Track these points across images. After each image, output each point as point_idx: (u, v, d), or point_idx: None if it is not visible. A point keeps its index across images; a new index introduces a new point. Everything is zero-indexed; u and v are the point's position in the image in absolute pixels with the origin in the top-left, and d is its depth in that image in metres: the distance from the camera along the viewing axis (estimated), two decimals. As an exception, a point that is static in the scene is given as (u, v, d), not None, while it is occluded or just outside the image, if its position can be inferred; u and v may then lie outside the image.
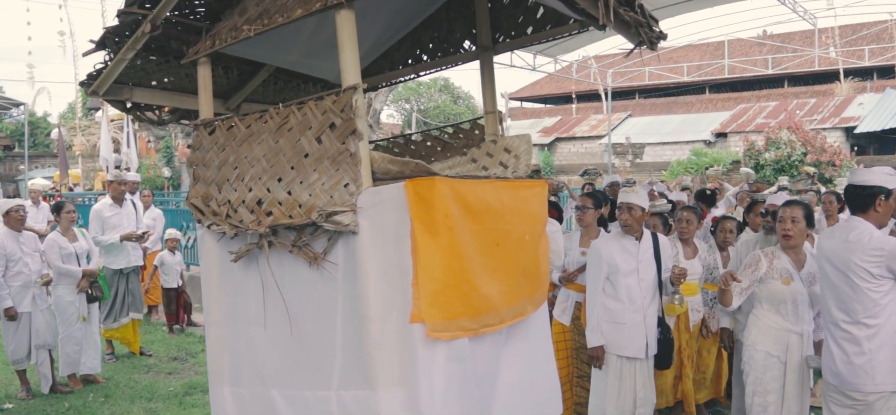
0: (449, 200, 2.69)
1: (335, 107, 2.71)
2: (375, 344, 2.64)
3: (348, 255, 2.71)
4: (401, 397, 2.63)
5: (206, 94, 3.45)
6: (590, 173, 10.64)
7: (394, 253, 2.63)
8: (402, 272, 2.62)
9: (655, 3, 10.08)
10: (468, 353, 2.78)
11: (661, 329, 5.02)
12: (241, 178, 3.06)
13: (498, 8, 3.90)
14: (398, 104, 40.67)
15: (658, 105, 40.60)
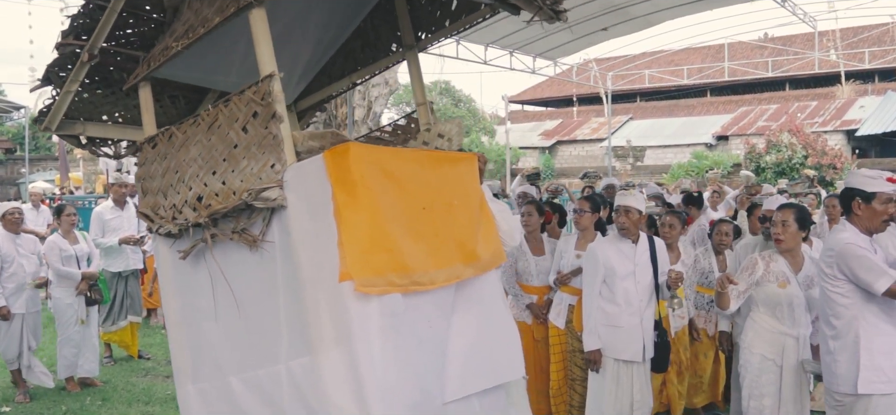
0: (365, 163, 2.81)
1: (256, 96, 2.88)
2: (311, 309, 2.72)
3: (282, 231, 2.83)
4: (340, 358, 2.68)
5: (148, 116, 3.56)
6: (590, 176, 10.65)
7: (321, 220, 2.72)
8: (330, 237, 2.69)
9: (656, 5, 10.09)
10: (403, 309, 2.82)
11: (658, 332, 5.01)
12: (182, 179, 3.20)
13: (416, 8, 4.05)
14: (399, 108, 40.64)
15: (659, 108, 40.58)
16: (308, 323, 2.73)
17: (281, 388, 2.84)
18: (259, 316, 2.96)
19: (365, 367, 2.67)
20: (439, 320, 3.04)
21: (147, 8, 3.49)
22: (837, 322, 3.78)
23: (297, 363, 2.78)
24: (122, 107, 3.95)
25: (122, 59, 3.61)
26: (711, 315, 5.85)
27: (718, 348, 5.73)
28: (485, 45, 11.52)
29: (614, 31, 11.79)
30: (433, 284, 2.96)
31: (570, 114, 43.44)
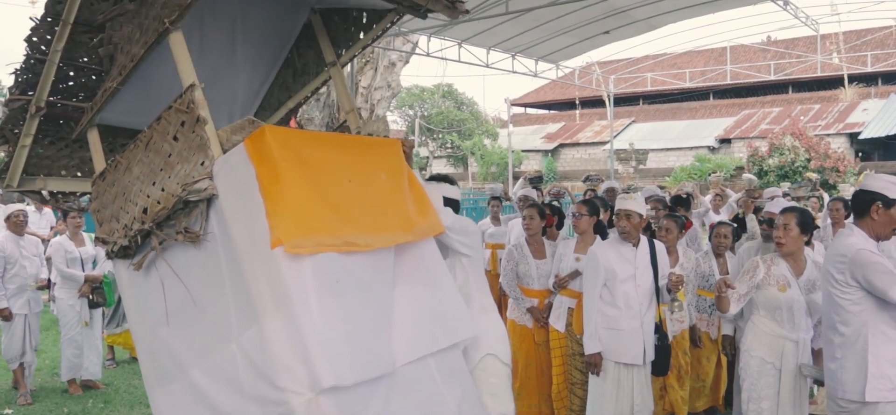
0: (282, 142, 2.99)
1: (181, 106, 3.11)
2: (251, 281, 2.84)
3: (219, 220, 3.01)
4: (282, 321, 2.77)
5: (98, 156, 3.76)
6: (592, 179, 10.64)
7: (249, 198, 2.89)
8: (259, 212, 2.87)
9: (658, 8, 10.09)
10: (339, 268, 2.94)
11: (659, 335, 5.01)
12: (129, 199, 3.39)
13: (332, 27, 4.32)
14: (402, 111, 40.66)
15: (662, 111, 40.57)
16: (251, 295, 2.84)
17: (236, 365, 2.92)
18: (210, 305, 3.07)
19: (306, 327, 2.76)
20: (381, 283, 3.15)
21: (84, 60, 3.69)
22: (846, 329, 3.74)
23: (246, 337, 2.88)
24: (79, 159, 4.13)
25: (71, 111, 3.82)
26: (713, 318, 5.85)
27: (721, 352, 5.73)
28: (487, 49, 11.54)
29: (616, 33, 11.80)
30: (369, 246, 3.08)
31: (572, 117, 43.44)
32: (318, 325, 2.79)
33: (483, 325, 4.01)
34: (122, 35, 3.50)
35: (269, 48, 4.32)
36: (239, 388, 2.91)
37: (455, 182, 4.56)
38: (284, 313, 2.77)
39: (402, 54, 18.54)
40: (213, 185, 2.96)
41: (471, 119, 39.09)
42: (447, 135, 38.13)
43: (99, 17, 3.53)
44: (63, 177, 4.09)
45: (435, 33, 10.39)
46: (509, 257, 6.05)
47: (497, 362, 4.07)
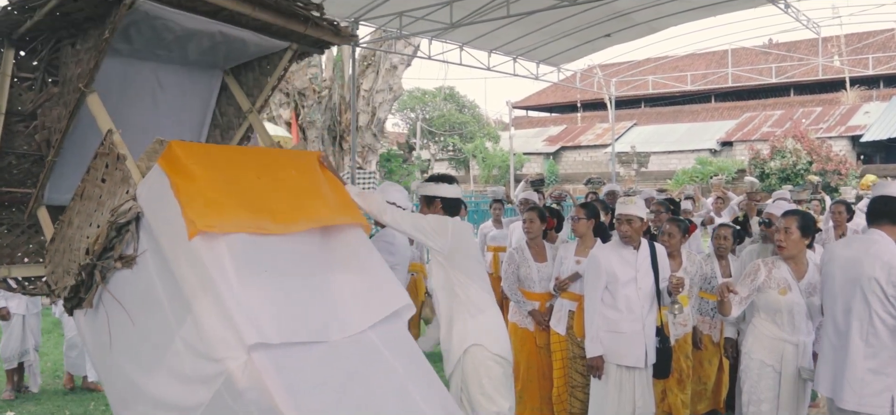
0: (191, 152, 3.28)
1: (103, 151, 3.41)
2: (178, 274, 3.05)
3: (148, 236, 3.23)
4: (209, 300, 2.96)
5: (48, 230, 3.94)
6: (593, 182, 10.65)
7: (168, 205, 3.11)
8: (176, 212, 3.09)
9: (659, 11, 10.10)
10: (254, 248, 3.15)
11: (660, 338, 5.01)
12: (73, 247, 3.58)
13: (243, 79, 4.56)
14: (404, 114, 40.66)
15: (663, 114, 40.55)
16: (181, 289, 3.04)
17: (181, 357, 3.07)
18: (151, 319, 3.23)
19: (229, 298, 2.95)
20: (305, 265, 3.36)
21: (24, 148, 3.88)
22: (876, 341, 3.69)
23: (185, 328, 3.05)
24: (38, 244, 4.24)
25: (20, 197, 4.03)
26: (715, 321, 5.85)
27: (723, 355, 5.72)
28: (489, 52, 11.54)
29: (618, 36, 11.81)
30: (286, 230, 3.31)
31: (574, 120, 43.43)
32: (240, 295, 2.98)
33: (475, 323, 4.09)
34: (52, 117, 3.74)
35: (189, 114, 4.57)
36: (188, 378, 3.05)
37: (454, 180, 4.57)
38: (210, 291, 2.96)
39: (403, 57, 18.56)
40: (136, 204, 3.22)
41: (472, 122, 39.09)
42: (449, 137, 38.14)
43: (29, 106, 3.74)
44: (26, 264, 4.21)
45: (436, 36, 10.39)
46: (510, 260, 6.06)
47: (488, 359, 4.10)
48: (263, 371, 2.88)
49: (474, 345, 4.09)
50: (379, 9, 8.74)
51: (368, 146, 18.46)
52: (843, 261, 3.87)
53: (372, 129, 18.51)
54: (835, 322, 3.89)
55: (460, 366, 4.13)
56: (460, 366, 4.13)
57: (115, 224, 3.22)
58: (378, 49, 16.26)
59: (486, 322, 4.16)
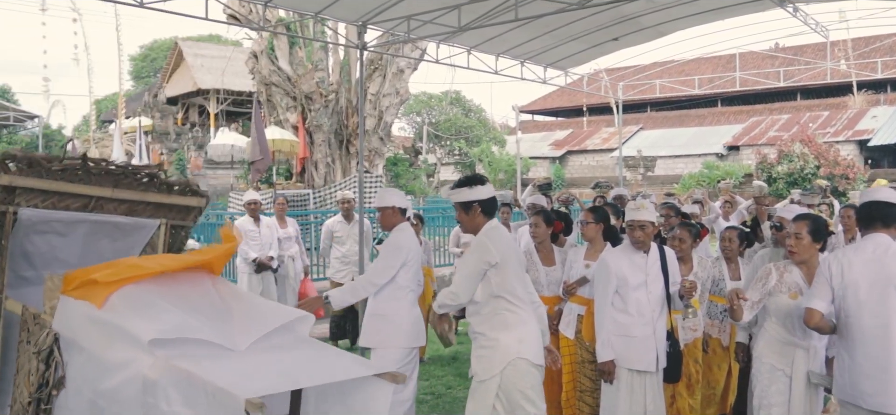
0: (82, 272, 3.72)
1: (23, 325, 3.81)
2: (97, 349, 3.48)
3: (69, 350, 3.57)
4: (113, 337, 3.38)
5: None
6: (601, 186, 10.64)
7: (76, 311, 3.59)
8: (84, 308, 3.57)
9: (667, 15, 10.07)
10: (138, 290, 3.56)
11: (670, 342, 5.00)
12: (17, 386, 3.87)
13: None
14: (409, 118, 40.70)
15: (670, 118, 40.51)
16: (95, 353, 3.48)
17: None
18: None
19: (131, 326, 3.31)
20: (194, 294, 3.72)
21: None
22: None
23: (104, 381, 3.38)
24: None
25: None
26: (724, 325, 5.82)
27: (733, 360, 5.69)
28: (496, 55, 11.52)
29: (625, 40, 11.75)
30: (166, 271, 3.78)
31: (580, 124, 43.43)
32: (137, 318, 3.35)
33: (518, 335, 4.28)
34: None
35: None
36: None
37: (486, 180, 4.60)
38: (120, 332, 3.33)
39: (410, 61, 18.57)
40: (51, 330, 3.59)
41: (478, 126, 39.09)
42: (455, 141, 38.14)
43: None
44: None
45: (444, 40, 10.39)
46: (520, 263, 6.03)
47: (530, 368, 4.28)
48: (171, 358, 3.12)
49: (519, 358, 4.27)
50: (387, 13, 8.72)
51: (375, 150, 18.47)
52: (862, 266, 3.84)
53: (379, 133, 18.52)
54: (862, 330, 3.83)
55: (503, 375, 4.26)
56: (503, 375, 4.26)
57: (41, 355, 3.56)
58: (385, 53, 16.28)
59: (528, 334, 4.36)
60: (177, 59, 40.26)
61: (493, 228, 4.43)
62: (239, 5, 15.53)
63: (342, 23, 11.23)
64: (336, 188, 17.14)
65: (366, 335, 5.36)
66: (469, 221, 4.47)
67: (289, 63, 18.32)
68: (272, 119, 18.17)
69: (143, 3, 7.39)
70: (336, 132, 18.29)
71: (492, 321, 4.36)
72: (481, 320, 4.42)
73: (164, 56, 47.95)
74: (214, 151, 25.88)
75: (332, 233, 9.01)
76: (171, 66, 40.80)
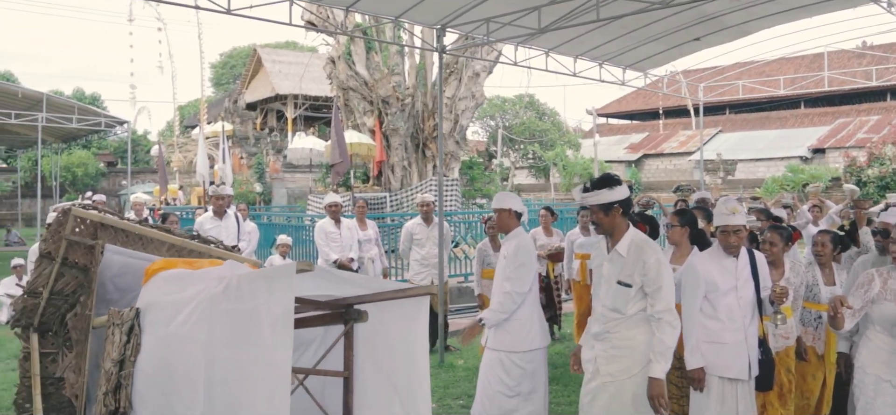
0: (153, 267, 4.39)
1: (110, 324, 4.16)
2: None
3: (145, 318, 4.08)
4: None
5: None
6: (682, 189, 10.41)
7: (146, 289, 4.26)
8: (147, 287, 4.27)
9: (751, 14, 9.80)
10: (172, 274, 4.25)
11: (762, 349, 4.84)
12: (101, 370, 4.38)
13: None
14: (483, 121, 40.70)
15: (750, 120, 39.43)
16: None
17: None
18: None
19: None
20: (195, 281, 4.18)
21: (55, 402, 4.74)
22: None
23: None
24: None
25: None
26: (819, 333, 5.61)
27: (828, 369, 5.48)
28: (574, 57, 11.41)
29: (707, 40, 11.48)
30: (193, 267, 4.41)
31: (655, 127, 42.70)
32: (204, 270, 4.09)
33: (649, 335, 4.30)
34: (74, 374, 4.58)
35: None
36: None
37: (619, 181, 4.49)
38: (192, 277, 4.01)
39: (486, 64, 18.57)
40: (133, 308, 4.02)
41: (553, 129, 38.80)
42: (529, 145, 37.96)
43: (57, 372, 4.66)
44: None
45: (522, 42, 10.34)
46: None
47: None
48: None
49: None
50: (466, 15, 8.74)
51: (451, 154, 18.52)
52: None
53: (455, 136, 18.57)
54: None
55: (641, 375, 4.28)
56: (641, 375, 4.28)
57: (123, 327, 3.95)
58: (462, 55, 16.32)
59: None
60: (256, 65, 41.29)
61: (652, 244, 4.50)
62: (317, 10, 15.81)
63: (419, 26, 11.31)
64: (412, 191, 17.26)
65: (495, 339, 5.47)
66: (609, 223, 4.40)
67: (365, 67, 18.55)
68: (349, 123, 18.42)
69: (230, 11, 7.58)
70: (412, 136, 18.42)
71: (634, 324, 4.35)
72: (619, 322, 4.37)
73: (243, 63, 49.26)
74: (293, 154, 26.45)
75: (411, 235, 9.07)
76: (250, 72, 41.87)
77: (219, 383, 3.41)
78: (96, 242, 4.48)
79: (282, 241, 10.26)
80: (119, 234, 4.62)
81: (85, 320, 4.45)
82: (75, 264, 4.52)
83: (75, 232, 4.49)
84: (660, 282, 4.25)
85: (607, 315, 4.41)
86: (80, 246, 4.50)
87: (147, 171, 39.95)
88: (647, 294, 4.28)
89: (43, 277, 4.51)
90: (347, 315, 3.96)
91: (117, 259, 4.57)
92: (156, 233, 4.76)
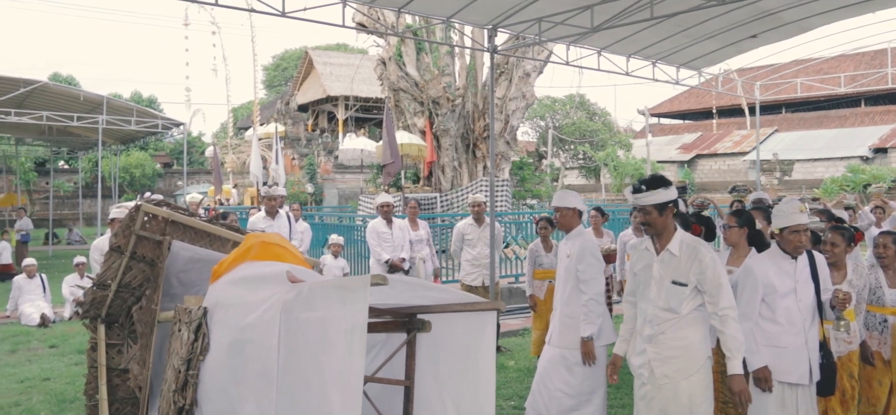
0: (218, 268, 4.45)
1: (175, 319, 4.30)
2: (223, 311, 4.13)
3: (213, 319, 4.13)
4: None
5: None
6: (739, 190, 10.19)
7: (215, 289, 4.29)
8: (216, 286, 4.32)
9: (811, 9, 9.55)
10: (245, 268, 4.30)
11: (823, 353, 4.71)
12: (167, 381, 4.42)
13: None
14: (533, 122, 40.53)
15: (807, 120, 38.53)
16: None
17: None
18: None
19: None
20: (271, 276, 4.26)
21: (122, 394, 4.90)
22: None
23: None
24: None
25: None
26: (885, 337, 5.44)
27: (894, 375, 5.31)
28: (627, 56, 11.27)
29: (764, 37, 11.22)
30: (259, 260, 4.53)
31: (708, 127, 42.02)
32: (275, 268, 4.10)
33: (705, 335, 4.35)
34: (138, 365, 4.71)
35: None
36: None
37: (670, 182, 4.49)
38: (262, 278, 3.99)
39: (536, 64, 18.47)
40: (201, 307, 4.09)
41: (603, 130, 38.44)
42: (579, 145, 37.68)
43: (121, 363, 4.82)
44: None
45: (574, 42, 10.26)
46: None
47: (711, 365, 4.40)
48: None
49: (708, 358, 4.38)
50: (517, 15, 8.69)
51: (501, 154, 18.48)
52: None
53: (505, 137, 18.52)
54: None
55: (699, 373, 4.32)
56: (699, 373, 4.32)
57: (192, 325, 3.99)
58: (513, 56, 16.27)
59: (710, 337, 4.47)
60: (307, 67, 41.82)
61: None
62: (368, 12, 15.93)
63: (470, 26, 11.30)
64: (463, 192, 17.26)
65: (560, 336, 5.56)
66: (662, 223, 4.37)
67: (416, 68, 18.63)
68: (400, 124, 18.51)
69: (284, 13, 7.68)
70: (462, 136, 18.43)
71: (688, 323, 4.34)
72: (673, 322, 4.35)
73: (294, 65, 49.93)
74: (344, 155, 26.68)
75: (462, 235, 9.07)
76: (302, 74, 42.42)
77: (289, 388, 3.45)
78: (164, 238, 4.61)
79: (333, 240, 10.41)
80: (186, 230, 4.73)
81: (150, 314, 4.56)
82: (143, 258, 4.64)
83: (145, 227, 4.60)
84: (719, 280, 4.24)
85: (660, 316, 4.36)
86: (149, 241, 4.62)
87: (201, 171, 40.78)
88: (704, 293, 4.26)
89: (112, 270, 4.63)
90: (411, 324, 3.96)
91: (183, 255, 4.67)
92: (222, 230, 4.85)
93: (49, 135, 26.87)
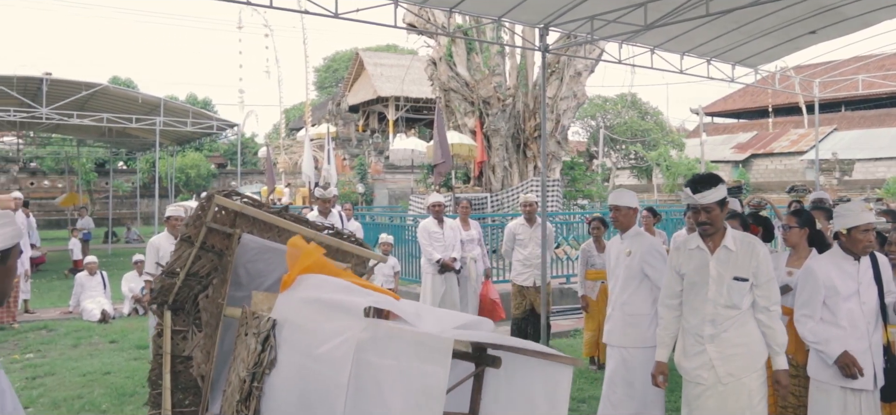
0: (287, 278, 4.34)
1: (241, 323, 4.33)
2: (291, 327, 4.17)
3: (281, 334, 4.09)
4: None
5: None
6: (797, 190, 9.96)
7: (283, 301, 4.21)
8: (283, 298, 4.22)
9: (874, 3, 9.28)
10: (308, 279, 4.23)
11: (887, 358, 4.58)
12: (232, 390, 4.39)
13: None
14: (584, 121, 40.19)
15: (867, 118, 37.46)
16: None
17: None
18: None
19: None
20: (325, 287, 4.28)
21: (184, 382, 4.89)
22: None
23: None
24: None
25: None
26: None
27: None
28: (681, 54, 11.10)
29: (823, 33, 10.93)
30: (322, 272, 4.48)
31: (764, 126, 41.15)
32: (351, 295, 3.93)
33: None
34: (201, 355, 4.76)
35: None
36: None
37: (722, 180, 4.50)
38: (337, 307, 3.88)
39: (588, 63, 18.31)
40: (270, 318, 4.03)
41: (655, 129, 37.93)
42: (631, 145, 37.25)
43: (185, 351, 4.85)
44: None
45: (626, 40, 10.14)
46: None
47: None
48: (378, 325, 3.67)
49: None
50: (569, 14, 8.63)
51: (552, 154, 18.35)
52: None
53: (556, 136, 18.39)
54: None
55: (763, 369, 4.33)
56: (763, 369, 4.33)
57: (260, 336, 3.98)
58: (565, 55, 16.16)
59: None
60: (358, 68, 42.15)
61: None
62: (419, 12, 15.98)
63: (520, 25, 11.25)
64: (513, 192, 17.20)
65: (623, 335, 5.54)
66: (719, 220, 4.38)
67: (466, 68, 18.62)
68: (450, 124, 18.52)
69: (337, 14, 7.76)
70: (513, 136, 18.36)
71: (748, 318, 4.34)
72: (735, 318, 4.33)
73: (345, 66, 50.37)
74: (394, 155, 26.85)
75: (514, 235, 9.05)
76: (353, 75, 42.77)
77: None
78: (234, 231, 4.68)
79: (384, 239, 10.47)
80: (256, 223, 4.78)
81: (216, 306, 4.62)
82: (212, 248, 4.71)
83: (216, 219, 4.67)
84: (770, 273, 4.31)
85: (723, 314, 4.30)
86: (219, 233, 4.69)
87: (255, 172, 41.43)
88: (758, 287, 4.29)
89: (181, 259, 4.71)
90: (481, 359, 3.83)
91: (252, 245, 4.72)
92: (291, 224, 4.86)
93: (108, 136, 27.62)
